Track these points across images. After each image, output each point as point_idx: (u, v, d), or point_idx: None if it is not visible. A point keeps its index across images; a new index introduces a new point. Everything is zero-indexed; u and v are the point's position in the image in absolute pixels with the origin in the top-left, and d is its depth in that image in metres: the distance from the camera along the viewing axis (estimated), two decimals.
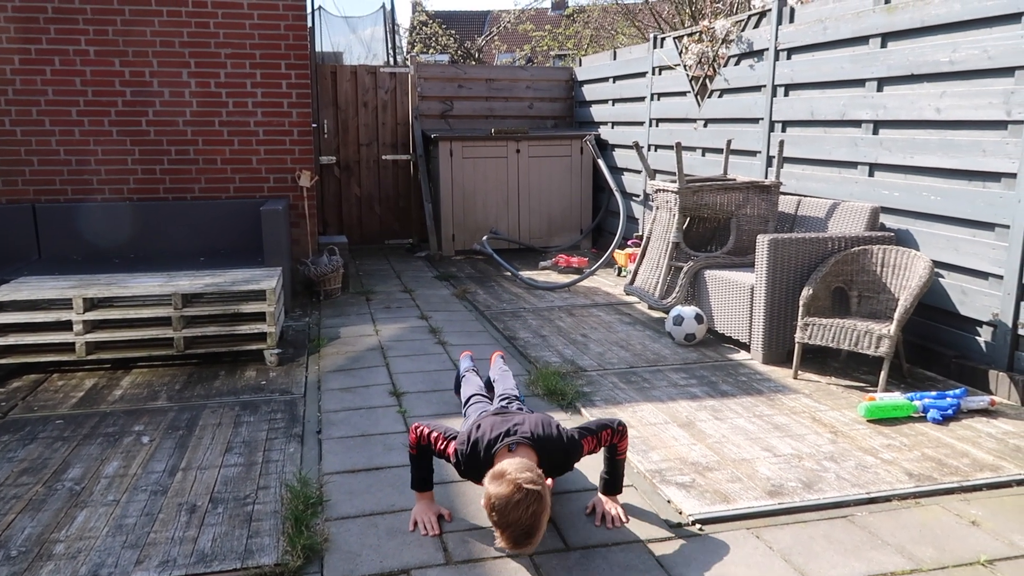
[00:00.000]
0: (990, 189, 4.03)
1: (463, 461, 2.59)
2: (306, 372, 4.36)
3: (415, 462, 2.74)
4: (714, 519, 2.72)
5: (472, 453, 2.57)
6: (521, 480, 2.27)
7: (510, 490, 2.26)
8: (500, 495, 2.27)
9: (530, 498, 2.26)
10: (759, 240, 4.43)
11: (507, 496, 2.25)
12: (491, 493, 2.30)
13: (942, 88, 4.30)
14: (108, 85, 5.75)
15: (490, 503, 2.29)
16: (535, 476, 2.32)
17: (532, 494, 2.26)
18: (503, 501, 2.26)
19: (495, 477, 2.33)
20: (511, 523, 2.26)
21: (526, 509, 2.25)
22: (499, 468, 2.36)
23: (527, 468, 2.34)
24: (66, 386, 4.14)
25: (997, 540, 2.60)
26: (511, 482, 2.27)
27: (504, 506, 2.26)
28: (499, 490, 2.27)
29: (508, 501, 2.25)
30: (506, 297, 6.27)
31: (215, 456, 3.24)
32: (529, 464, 2.39)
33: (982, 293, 4.09)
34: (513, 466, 2.34)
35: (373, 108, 8.81)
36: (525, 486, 2.26)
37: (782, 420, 3.62)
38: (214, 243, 5.87)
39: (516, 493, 2.25)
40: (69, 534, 2.61)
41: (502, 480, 2.29)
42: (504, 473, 2.31)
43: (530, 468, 2.35)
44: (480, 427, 2.63)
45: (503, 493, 2.26)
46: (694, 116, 6.80)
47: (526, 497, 2.25)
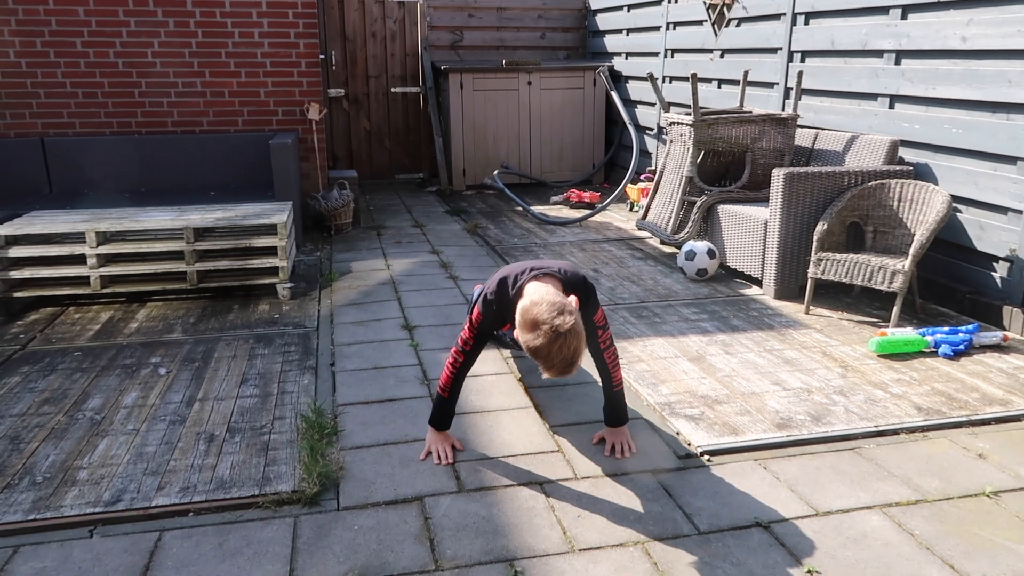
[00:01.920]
0: (1014, 121, 3.93)
1: (494, 301, 2.52)
2: (319, 306, 4.39)
3: (442, 402, 2.71)
4: (722, 450, 2.75)
5: (500, 290, 2.51)
6: (556, 325, 2.18)
7: (548, 339, 2.18)
8: (540, 346, 2.20)
9: (569, 338, 2.20)
10: (774, 174, 4.37)
11: (547, 345, 2.19)
12: (530, 345, 2.22)
13: (969, 15, 4.15)
14: (112, 15, 5.64)
15: (531, 350, 2.23)
16: (567, 312, 2.22)
17: (570, 334, 2.20)
18: (545, 349, 2.20)
19: (529, 326, 2.22)
20: (555, 362, 2.22)
21: (567, 347, 2.20)
22: (530, 314, 2.23)
23: (557, 307, 2.22)
24: (83, 319, 4.19)
25: (1003, 472, 2.63)
26: (547, 331, 2.18)
27: (547, 353, 2.20)
28: (538, 341, 2.20)
29: (550, 348, 2.18)
30: (517, 232, 6.24)
31: (231, 387, 3.30)
32: (557, 299, 2.27)
33: (1000, 228, 4.04)
34: (543, 308, 2.22)
35: (381, 39, 8.62)
36: (562, 330, 2.19)
37: (792, 355, 3.63)
38: (224, 177, 5.84)
39: (555, 340, 2.18)
40: (92, 461, 2.68)
41: (538, 330, 2.20)
42: (537, 322, 2.21)
43: (559, 306, 2.24)
44: (505, 269, 2.59)
45: (542, 344, 2.19)
46: (710, 46, 6.62)
47: (565, 340, 2.19)
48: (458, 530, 2.31)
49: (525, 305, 2.27)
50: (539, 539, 2.27)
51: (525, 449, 2.78)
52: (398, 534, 2.29)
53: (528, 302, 2.27)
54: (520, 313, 2.28)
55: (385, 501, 2.46)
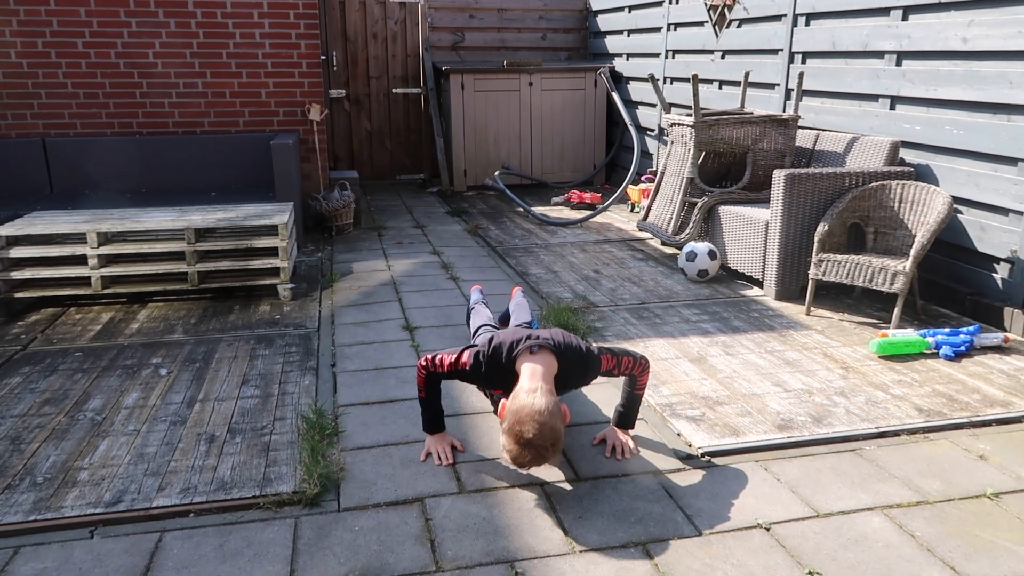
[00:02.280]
0: (1015, 122, 3.93)
1: (484, 363, 2.56)
2: (320, 307, 4.39)
3: (425, 404, 2.73)
4: (723, 452, 2.75)
5: (494, 355, 2.55)
6: (534, 436, 2.27)
7: (524, 453, 2.30)
8: (515, 455, 2.32)
9: (545, 453, 2.32)
10: (775, 175, 4.37)
11: (519, 455, 2.32)
12: (509, 450, 2.33)
13: (970, 16, 4.15)
14: (113, 15, 5.65)
15: (510, 456, 2.35)
16: (550, 422, 2.29)
17: (546, 447, 2.30)
18: (519, 460, 2.34)
19: (510, 431, 2.30)
20: (526, 464, 2.37)
21: (541, 458, 2.34)
22: (513, 417, 2.30)
23: (538, 417, 2.28)
24: (83, 319, 4.19)
25: (1004, 474, 2.63)
26: (526, 443, 2.28)
27: (522, 462, 2.35)
28: (515, 451, 2.31)
29: (522, 459, 2.33)
30: (518, 233, 6.24)
31: (232, 388, 3.30)
32: (543, 402, 2.32)
33: (1001, 229, 4.04)
34: (527, 413, 2.29)
35: (383, 39, 8.63)
36: (537, 444, 2.28)
37: (793, 356, 3.63)
38: (225, 178, 5.85)
39: (533, 455, 2.31)
40: (92, 462, 2.68)
41: (518, 438, 2.28)
42: (519, 429, 2.28)
43: (541, 412, 2.29)
44: (501, 334, 2.63)
45: (517, 454, 2.31)
46: (711, 47, 6.63)
47: (540, 453, 2.31)
48: (459, 531, 2.31)
49: (510, 419, 2.33)
50: (540, 540, 2.27)
51: None
52: (399, 535, 2.29)
53: (514, 416, 2.32)
54: (506, 424, 2.34)
55: (386, 502, 2.46)
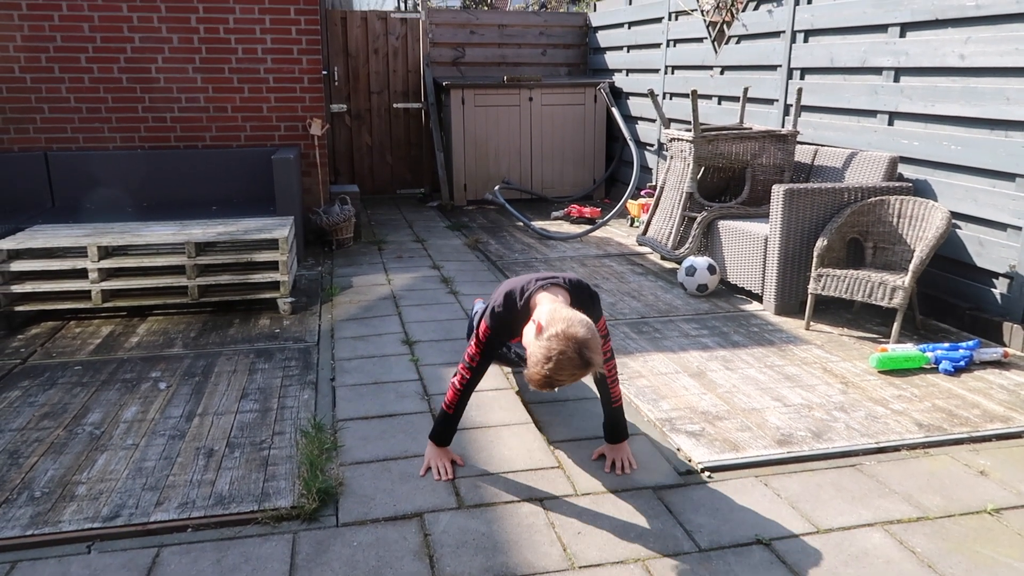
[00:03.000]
0: (1012, 138, 3.95)
1: (501, 313, 2.48)
2: (319, 321, 4.39)
3: (446, 419, 2.69)
4: (723, 467, 2.75)
5: (507, 302, 2.48)
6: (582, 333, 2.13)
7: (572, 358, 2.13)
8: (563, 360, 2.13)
9: (583, 351, 2.15)
10: (774, 190, 4.38)
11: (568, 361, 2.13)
12: (559, 352, 2.13)
13: (967, 34, 4.18)
14: (116, 31, 5.69)
15: (556, 363, 2.13)
16: (583, 325, 2.16)
17: (585, 346, 2.14)
18: (564, 366, 2.14)
19: (564, 335, 2.13)
20: (562, 380, 2.19)
21: (581, 358, 2.15)
22: (564, 324, 2.15)
23: (583, 321, 2.16)
24: (83, 333, 4.20)
25: (1005, 490, 2.62)
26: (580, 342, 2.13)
27: (563, 373, 2.15)
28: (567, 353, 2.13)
29: (568, 367, 2.14)
30: (518, 247, 6.26)
31: (231, 402, 3.29)
32: (571, 313, 2.21)
33: (1000, 244, 4.05)
34: (569, 317, 2.17)
35: (384, 55, 8.68)
36: (586, 337, 2.14)
37: (793, 370, 3.63)
38: (226, 192, 5.87)
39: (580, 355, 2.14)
40: (90, 476, 2.67)
41: (571, 339, 2.13)
42: (573, 331, 2.13)
43: (584, 320, 2.18)
44: (508, 283, 2.55)
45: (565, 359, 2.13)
46: (710, 63, 6.67)
47: (579, 350, 2.14)
48: (458, 547, 2.30)
49: (562, 317, 2.20)
50: (539, 556, 2.26)
51: (525, 465, 2.77)
52: (397, 550, 2.28)
53: (566, 317, 2.20)
54: (558, 323, 2.19)
55: (384, 517, 2.45)
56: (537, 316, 2.29)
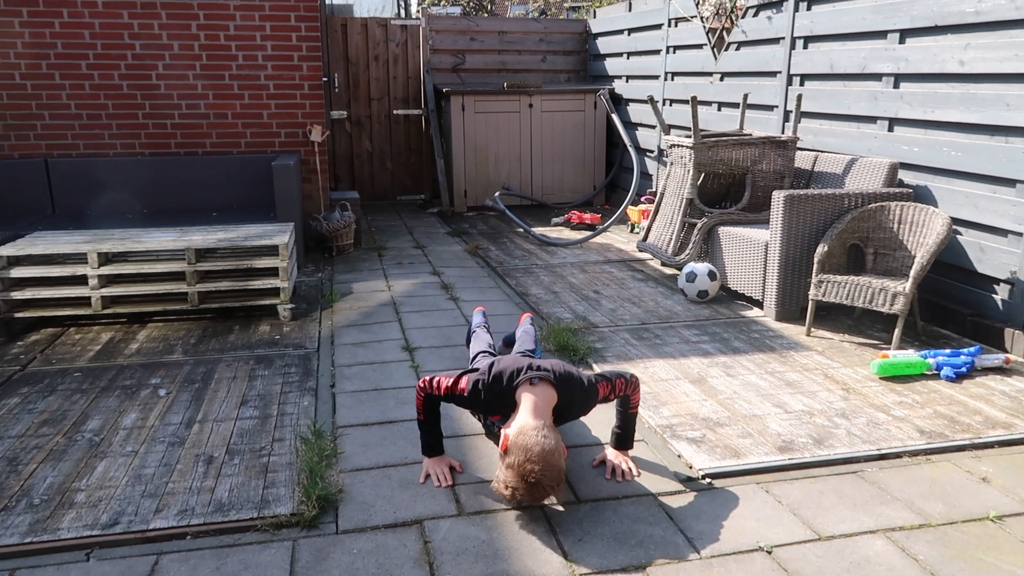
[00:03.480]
0: (1012, 144, 3.95)
1: (484, 390, 2.59)
2: (319, 327, 4.39)
3: (424, 427, 2.74)
4: (724, 473, 2.74)
5: (494, 382, 2.58)
6: (543, 477, 2.32)
7: (529, 490, 2.35)
8: (520, 491, 2.35)
9: (552, 487, 2.37)
10: (774, 196, 4.38)
11: (524, 492, 2.36)
12: (512, 486, 2.36)
13: (966, 40, 4.18)
14: (117, 38, 5.70)
15: (510, 490, 2.37)
16: (558, 463, 2.36)
17: (552, 486, 2.36)
18: (519, 495, 2.37)
19: (518, 468, 2.33)
20: (523, 500, 2.42)
21: (546, 493, 2.39)
22: (523, 455, 2.33)
23: (549, 457, 2.33)
24: (83, 339, 4.19)
25: (1007, 496, 2.61)
26: (534, 483, 2.32)
27: (521, 498, 2.39)
28: (520, 488, 2.35)
29: (524, 495, 2.37)
30: (518, 253, 6.25)
31: (231, 409, 3.28)
32: (552, 441, 2.37)
33: (1000, 250, 4.04)
34: (537, 452, 2.32)
35: (384, 62, 8.69)
36: (532, 480, 2.32)
37: (794, 377, 3.62)
38: (226, 198, 5.87)
39: (529, 488, 2.34)
40: (90, 483, 2.66)
41: (526, 476, 2.32)
42: (529, 468, 2.31)
43: (552, 452, 2.35)
44: (502, 362, 2.65)
45: (522, 491, 2.35)
46: (710, 69, 6.68)
47: (534, 489, 2.35)
48: (458, 554, 2.29)
49: (521, 446, 2.36)
50: (539, 563, 2.25)
51: None
52: (397, 558, 2.27)
53: (515, 451, 2.36)
54: (517, 454, 2.35)
55: (384, 524, 2.44)
56: (509, 428, 2.45)
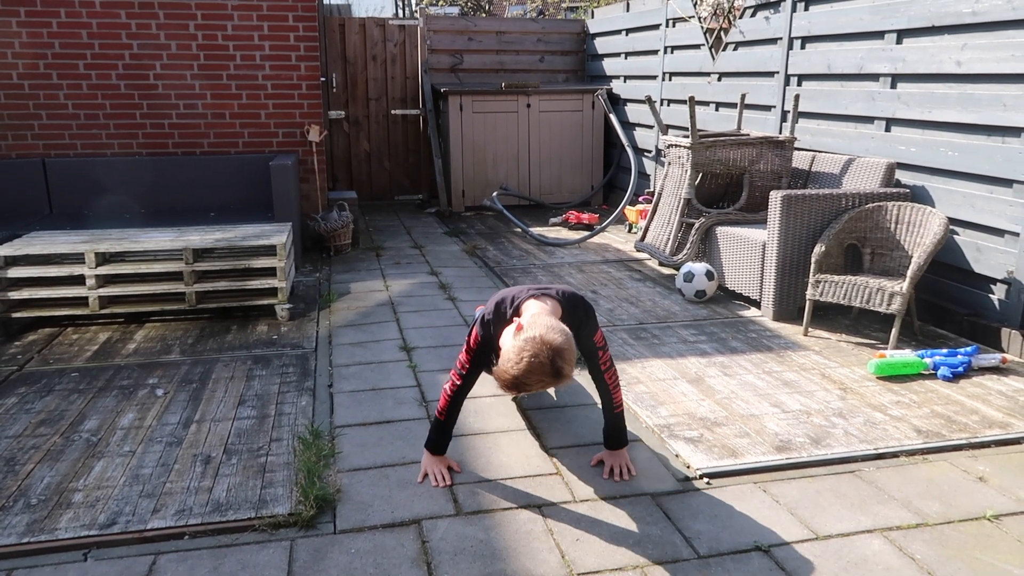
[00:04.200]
0: (1009, 144, 3.96)
1: (491, 322, 2.49)
2: (317, 327, 4.39)
3: (440, 427, 2.70)
4: (722, 473, 2.74)
5: (497, 310, 2.50)
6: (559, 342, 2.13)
7: (548, 349, 2.13)
8: (540, 353, 2.13)
9: (566, 356, 2.15)
10: (772, 196, 4.39)
11: (539, 367, 2.13)
12: (526, 353, 2.13)
13: (963, 40, 4.19)
14: (115, 38, 5.69)
15: (527, 367, 2.13)
16: (571, 341, 2.17)
17: (568, 355, 2.15)
18: (535, 372, 2.13)
19: (529, 339, 2.14)
20: (532, 384, 2.19)
21: (563, 364, 2.16)
22: (542, 327, 2.16)
23: (562, 330, 2.17)
24: (80, 339, 4.19)
25: (1004, 496, 2.61)
26: (549, 342, 2.12)
27: (533, 377, 2.15)
28: (538, 349, 2.13)
29: (539, 372, 2.14)
30: (516, 253, 6.26)
31: (228, 409, 3.28)
32: (559, 323, 2.22)
33: (997, 250, 4.05)
34: (549, 323, 2.17)
35: (382, 62, 8.69)
36: (562, 346, 2.13)
37: (791, 376, 3.62)
38: (224, 198, 5.87)
39: (552, 363, 2.13)
40: (87, 483, 2.66)
41: (542, 339, 2.13)
42: (550, 337, 2.13)
43: (564, 328, 2.18)
44: (502, 292, 2.58)
45: (542, 352, 2.13)
46: (708, 70, 6.68)
47: (561, 356, 2.14)
48: (455, 554, 2.29)
49: (532, 319, 2.23)
50: (537, 563, 2.25)
51: (523, 471, 2.77)
52: (395, 558, 2.27)
53: (544, 323, 2.22)
54: (537, 327, 2.19)
55: (382, 524, 2.44)
56: (520, 319, 2.33)
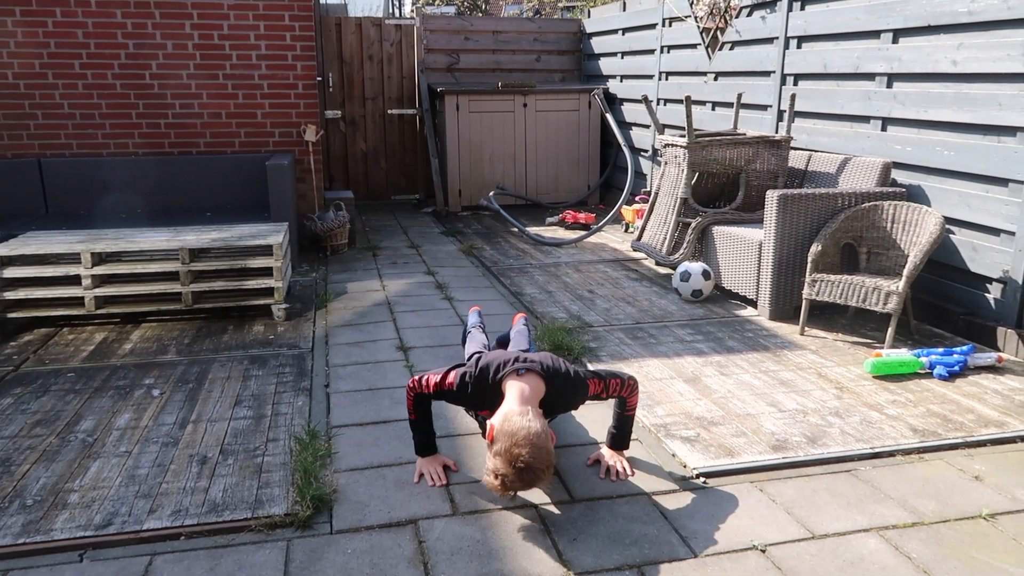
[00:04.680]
0: (1005, 144, 3.97)
1: (471, 383, 2.58)
2: (313, 327, 4.38)
3: (416, 426, 2.74)
4: (718, 472, 2.74)
5: (480, 375, 2.57)
6: (531, 460, 2.27)
7: (518, 476, 2.29)
8: (509, 478, 2.30)
9: (543, 470, 2.31)
10: (768, 196, 4.39)
11: (513, 479, 2.30)
12: (502, 473, 2.30)
13: (959, 40, 4.20)
14: (110, 37, 5.68)
15: (501, 479, 2.32)
16: (546, 445, 2.31)
17: (543, 469, 2.31)
18: (510, 484, 2.32)
19: (505, 454, 2.28)
20: (515, 488, 2.37)
21: (538, 478, 2.33)
22: (508, 440, 2.28)
23: (535, 440, 2.29)
24: (76, 340, 4.18)
25: (1000, 494, 2.62)
26: (524, 467, 2.27)
27: (512, 486, 2.33)
28: (509, 474, 2.29)
29: (514, 483, 2.32)
30: (513, 253, 6.25)
31: (225, 409, 3.28)
32: (538, 425, 2.33)
33: (993, 250, 4.06)
34: (523, 436, 2.28)
35: (378, 61, 8.68)
36: (535, 466, 2.28)
37: (788, 376, 3.63)
38: (220, 198, 5.85)
39: (524, 474, 2.29)
40: (83, 484, 2.66)
41: (514, 461, 2.27)
42: (516, 452, 2.26)
43: (538, 434, 2.30)
44: (489, 355, 2.65)
45: (511, 478, 2.30)
46: (704, 69, 6.69)
47: (537, 475, 2.31)
48: (452, 554, 2.29)
49: (500, 434, 2.34)
50: (534, 563, 2.25)
51: None
52: (391, 558, 2.27)
53: (502, 433, 2.33)
54: (503, 440, 2.32)
55: (379, 524, 2.44)
56: (493, 418, 2.41)
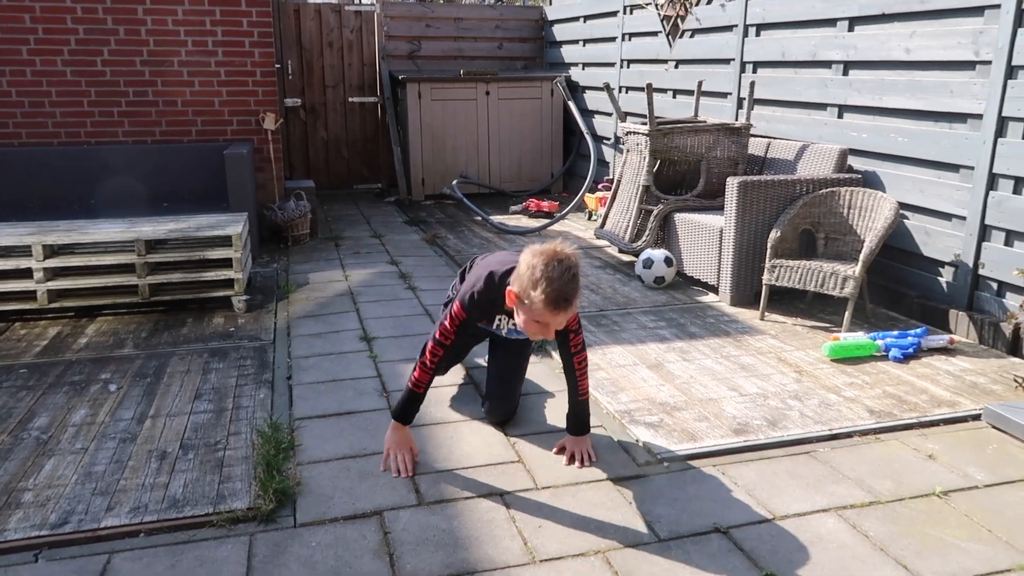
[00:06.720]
0: (956, 130, 4.06)
1: (478, 295, 2.57)
2: (275, 318, 4.33)
3: (412, 397, 2.68)
4: (681, 457, 2.78)
5: (487, 286, 2.56)
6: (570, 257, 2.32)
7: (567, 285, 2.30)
8: (560, 289, 2.30)
9: (577, 277, 2.34)
10: (729, 183, 4.44)
11: (565, 288, 2.31)
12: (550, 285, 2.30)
13: (912, 28, 4.28)
14: (59, 22, 5.51)
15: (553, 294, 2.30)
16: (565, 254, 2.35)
17: (578, 280, 2.34)
18: (564, 293, 2.31)
19: (542, 272, 2.30)
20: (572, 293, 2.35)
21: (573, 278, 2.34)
22: (553, 255, 2.33)
23: (563, 248, 2.35)
24: (29, 335, 4.07)
25: (952, 472, 2.69)
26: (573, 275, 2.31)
27: (565, 296, 2.32)
28: (562, 282, 2.30)
29: (567, 292, 2.32)
30: (476, 242, 6.24)
31: (184, 403, 3.22)
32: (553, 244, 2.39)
33: (945, 234, 4.16)
34: (544, 250, 2.34)
35: (339, 48, 8.56)
36: (563, 257, 2.32)
37: (748, 360, 3.68)
38: (177, 188, 5.73)
39: (572, 284, 2.31)
40: (37, 482, 2.59)
41: (567, 271, 2.30)
42: (551, 259, 2.30)
43: (563, 247, 2.36)
44: (490, 266, 2.63)
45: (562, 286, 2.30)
46: (665, 57, 6.72)
47: (576, 281, 2.33)
48: (418, 544, 2.29)
49: (550, 251, 2.35)
50: (500, 551, 2.26)
51: (485, 460, 2.77)
52: (356, 550, 2.26)
53: (529, 258, 2.35)
54: (545, 256, 2.32)
55: (343, 516, 2.42)
56: (512, 281, 2.41)
